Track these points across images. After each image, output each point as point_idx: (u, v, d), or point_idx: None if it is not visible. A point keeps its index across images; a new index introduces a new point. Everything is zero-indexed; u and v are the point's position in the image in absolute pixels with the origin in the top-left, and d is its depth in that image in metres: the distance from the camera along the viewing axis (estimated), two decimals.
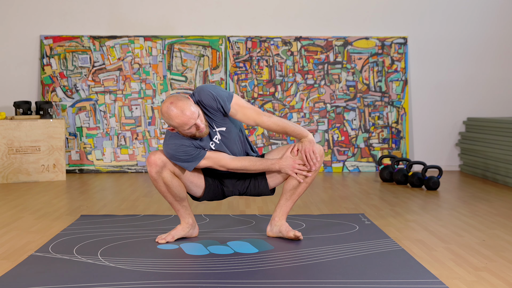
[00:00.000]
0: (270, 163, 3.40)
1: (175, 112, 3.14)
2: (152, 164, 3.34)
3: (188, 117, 3.15)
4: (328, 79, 6.87)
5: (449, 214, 4.39)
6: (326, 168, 6.83)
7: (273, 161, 3.40)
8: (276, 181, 3.53)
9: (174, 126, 3.21)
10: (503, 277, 2.87)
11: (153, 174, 3.36)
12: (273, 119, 3.35)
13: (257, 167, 3.40)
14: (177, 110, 3.14)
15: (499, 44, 7.02)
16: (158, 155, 3.34)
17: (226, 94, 3.31)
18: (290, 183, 3.48)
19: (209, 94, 3.27)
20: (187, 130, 3.21)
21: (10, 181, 6.01)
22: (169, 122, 3.20)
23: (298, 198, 3.54)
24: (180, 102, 3.15)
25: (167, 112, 3.16)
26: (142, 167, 6.78)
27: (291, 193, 3.49)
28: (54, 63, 6.76)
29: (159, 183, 3.38)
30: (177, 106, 3.14)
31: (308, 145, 3.36)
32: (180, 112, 3.14)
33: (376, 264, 3.06)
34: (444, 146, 7.05)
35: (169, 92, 6.81)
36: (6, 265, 3.07)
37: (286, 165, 3.38)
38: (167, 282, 2.80)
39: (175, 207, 3.52)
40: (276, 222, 3.57)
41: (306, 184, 3.46)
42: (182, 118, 3.15)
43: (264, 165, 3.40)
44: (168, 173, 3.37)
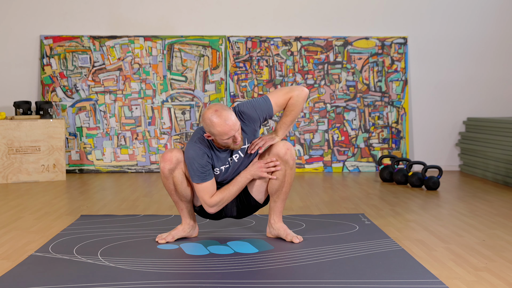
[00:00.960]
0: (240, 177, 3.41)
1: (219, 121, 3.13)
2: (167, 161, 3.35)
3: (230, 127, 3.15)
4: (328, 79, 6.87)
5: (449, 214, 4.39)
6: (326, 168, 6.83)
7: (242, 174, 3.41)
8: (259, 190, 3.51)
9: (213, 133, 3.18)
10: (503, 277, 2.87)
11: (165, 171, 3.37)
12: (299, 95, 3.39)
13: (234, 192, 3.40)
14: (221, 118, 3.13)
15: (499, 44, 7.02)
16: (174, 153, 3.36)
17: (262, 100, 3.36)
18: (272, 185, 3.47)
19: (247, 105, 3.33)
20: (225, 140, 3.21)
21: (10, 181, 6.01)
22: (209, 129, 3.18)
23: (286, 196, 3.51)
24: (224, 111, 3.15)
25: (210, 119, 3.15)
26: (142, 167, 6.78)
27: (277, 194, 3.49)
28: (54, 63, 6.76)
29: (169, 181, 3.39)
30: (221, 114, 3.14)
31: (266, 137, 3.42)
32: (224, 121, 3.13)
33: (376, 264, 3.06)
34: (444, 146, 7.05)
35: (169, 92, 6.81)
36: (6, 265, 3.07)
37: (254, 169, 3.40)
38: (167, 282, 2.80)
39: (179, 206, 3.52)
40: (274, 225, 3.57)
41: (287, 183, 3.44)
42: (224, 128, 3.14)
43: (238, 184, 3.41)
44: (180, 173, 3.37)
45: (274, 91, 3.44)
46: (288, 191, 3.49)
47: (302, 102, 3.41)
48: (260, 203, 3.56)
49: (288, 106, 3.41)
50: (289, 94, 3.39)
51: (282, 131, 3.46)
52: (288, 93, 3.39)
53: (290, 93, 3.39)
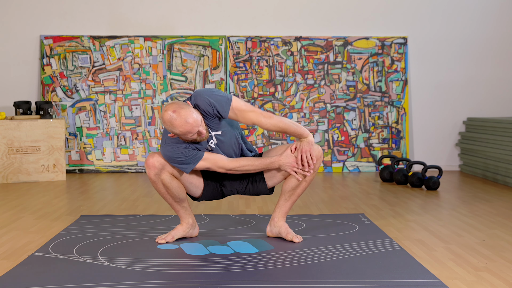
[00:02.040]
0: (270, 161, 3.39)
1: (179, 121, 3.09)
2: (150, 167, 3.33)
3: (191, 125, 3.11)
4: (328, 79, 6.87)
5: (449, 214, 4.39)
6: (326, 168, 6.83)
7: (272, 159, 3.39)
8: (274, 180, 3.52)
9: (177, 134, 3.16)
10: (503, 277, 2.87)
11: (152, 177, 3.35)
12: (273, 121, 3.28)
13: (256, 166, 3.39)
14: (181, 119, 3.09)
15: (499, 44, 7.02)
16: (156, 157, 3.33)
17: (224, 99, 3.24)
18: (289, 184, 3.47)
19: (205, 99, 3.21)
20: (190, 137, 3.19)
21: (10, 181, 6.01)
22: (172, 131, 3.15)
23: (297, 198, 3.53)
24: (182, 110, 3.10)
25: (170, 121, 3.10)
26: (142, 167, 6.78)
27: (290, 193, 3.49)
28: (54, 63, 6.76)
29: (158, 185, 3.38)
30: (180, 114, 3.09)
31: (306, 145, 3.35)
32: (184, 121, 3.09)
33: (376, 264, 3.06)
34: (444, 146, 7.05)
35: (169, 92, 6.81)
36: (6, 265, 3.07)
37: (286, 162, 3.37)
38: (167, 282, 2.80)
39: (174, 208, 3.51)
40: (276, 223, 3.57)
41: (306, 183, 3.45)
42: (186, 127, 3.10)
43: (263, 163, 3.39)
44: (167, 175, 3.36)
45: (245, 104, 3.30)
46: (301, 194, 3.50)
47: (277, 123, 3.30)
48: (267, 189, 3.54)
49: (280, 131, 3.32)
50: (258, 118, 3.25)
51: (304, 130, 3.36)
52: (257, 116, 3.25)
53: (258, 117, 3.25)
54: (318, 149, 3.40)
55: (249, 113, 3.27)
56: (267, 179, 3.51)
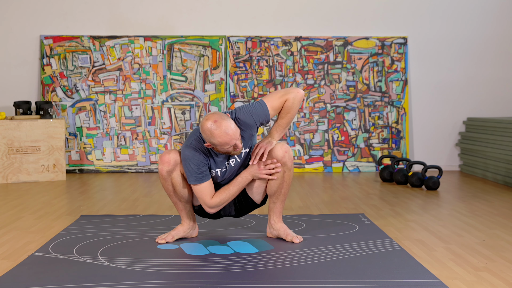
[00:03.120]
0: (241, 178, 3.40)
1: (219, 132, 3.11)
2: (165, 163, 3.35)
3: (231, 137, 3.13)
4: (328, 79, 6.87)
5: (449, 214, 4.39)
6: (326, 168, 6.83)
7: (242, 175, 3.40)
8: (257, 193, 3.51)
9: (214, 143, 3.17)
10: (503, 277, 2.87)
11: (163, 173, 3.36)
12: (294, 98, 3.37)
13: (234, 192, 3.40)
14: (221, 129, 3.11)
15: (499, 44, 7.02)
16: (172, 155, 3.35)
17: (257, 104, 3.34)
18: (271, 187, 3.47)
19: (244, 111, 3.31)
20: (227, 149, 3.20)
21: (10, 181, 6.01)
22: (210, 140, 3.16)
23: (285, 197, 3.52)
24: (223, 121, 3.13)
25: (210, 130, 3.12)
26: (142, 167, 6.78)
27: (276, 195, 3.49)
28: (54, 63, 6.76)
29: (168, 182, 3.39)
30: (221, 125, 3.12)
31: (264, 143, 3.39)
32: (224, 132, 3.11)
33: (376, 264, 3.06)
34: (444, 146, 7.05)
35: (169, 92, 6.81)
36: (6, 265, 3.07)
37: (254, 170, 3.39)
38: (167, 282, 2.80)
39: (178, 206, 3.52)
40: (273, 226, 3.58)
41: (287, 182, 3.44)
42: (225, 138, 3.12)
43: (238, 185, 3.40)
44: (179, 174, 3.37)
45: (269, 95, 3.42)
46: (287, 192, 3.49)
47: (298, 104, 3.39)
48: (258, 203, 3.56)
49: (284, 109, 3.39)
50: (284, 97, 3.37)
51: (278, 133, 3.44)
52: (283, 96, 3.37)
53: (285, 95, 3.37)
54: (283, 146, 3.40)
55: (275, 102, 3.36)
56: (251, 196, 3.52)
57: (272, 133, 3.44)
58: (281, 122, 3.42)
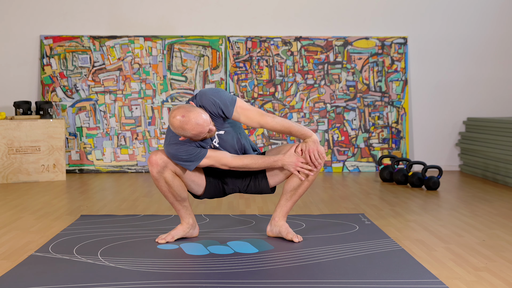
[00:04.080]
0: (273, 160, 3.38)
1: (190, 125, 3.10)
2: (153, 164, 3.34)
3: (202, 126, 3.13)
4: (328, 79, 6.87)
5: (449, 214, 4.39)
6: (326, 168, 6.83)
7: (276, 157, 3.38)
8: (276, 179, 3.53)
9: (188, 137, 3.16)
10: (503, 277, 2.87)
11: (154, 174, 3.36)
12: (277, 120, 3.31)
13: (259, 165, 3.39)
14: (191, 122, 3.10)
15: (499, 44, 7.02)
16: (159, 155, 3.34)
17: (228, 99, 3.27)
18: (291, 183, 3.47)
19: (210, 100, 3.24)
20: (201, 137, 3.20)
21: (10, 181, 6.01)
22: (183, 134, 3.15)
23: (298, 198, 3.53)
24: (191, 113, 3.11)
25: (181, 126, 3.11)
26: (142, 167, 6.78)
27: (292, 193, 3.49)
28: (54, 63, 6.76)
29: (161, 182, 3.39)
30: (190, 118, 3.10)
31: (313, 145, 3.35)
32: (195, 124, 3.10)
33: (376, 264, 3.06)
34: (444, 146, 7.05)
35: (169, 92, 6.80)
36: (6, 265, 3.07)
37: (290, 162, 3.37)
38: (167, 282, 2.80)
39: (175, 207, 3.52)
40: (276, 223, 3.57)
41: (308, 183, 3.45)
42: (198, 128, 3.12)
43: (266, 162, 3.39)
44: (170, 173, 3.37)
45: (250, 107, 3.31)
46: (302, 194, 3.50)
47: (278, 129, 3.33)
48: (269, 188, 3.55)
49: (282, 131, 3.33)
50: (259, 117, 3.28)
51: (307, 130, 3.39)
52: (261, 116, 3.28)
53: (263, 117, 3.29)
54: (322, 149, 3.40)
55: (253, 112, 3.29)
56: (269, 178, 3.51)
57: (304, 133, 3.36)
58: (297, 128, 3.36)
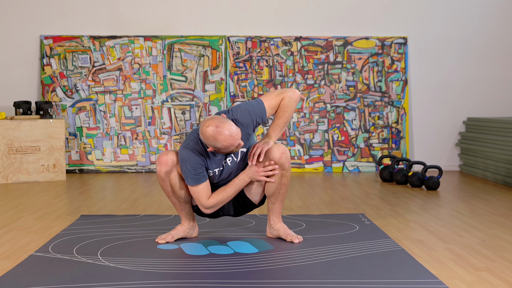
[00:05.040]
0: (239, 180, 3.39)
1: (223, 136, 3.11)
2: (162, 164, 3.34)
3: (234, 138, 3.15)
4: (328, 79, 6.87)
5: (449, 214, 4.39)
6: (326, 168, 6.83)
7: (239, 177, 3.40)
8: (256, 192, 3.51)
9: (219, 148, 3.17)
10: (503, 277, 2.87)
11: (161, 174, 3.36)
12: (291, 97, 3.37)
13: (231, 194, 3.40)
14: (224, 133, 3.11)
15: (499, 44, 7.02)
16: (170, 156, 3.35)
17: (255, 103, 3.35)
18: (269, 189, 3.46)
19: (242, 110, 3.31)
20: (231, 149, 3.21)
21: (10, 181, 6.01)
22: (214, 145, 3.16)
23: (284, 198, 3.52)
24: (225, 124, 3.13)
25: (214, 136, 3.12)
26: (142, 167, 6.78)
27: (275, 196, 3.48)
28: (54, 63, 6.76)
29: (166, 183, 3.39)
30: (223, 129, 3.12)
31: (262, 143, 3.37)
32: (228, 135, 3.12)
33: (376, 264, 3.06)
34: (444, 146, 7.05)
35: (169, 92, 6.80)
36: (6, 265, 3.07)
37: (252, 173, 3.37)
38: (167, 282, 2.80)
39: (177, 207, 3.52)
40: (273, 226, 3.58)
41: (285, 183, 3.44)
42: (230, 140, 3.13)
43: (235, 187, 3.40)
44: (177, 175, 3.37)
45: (266, 94, 3.42)
46: (285, 193, 3.49)
47: (294, 104, 3.38)
48: (256, 204, 3.56)
49: (281, 108, 3.38)
50: (281, 95, 3.37)
51: (275, 133, 3.42)
52: (280, 94, 3.37)
53: (282, 94, 3.37)
54: (279, 148, 3.38)
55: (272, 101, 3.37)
56: (249, 196, 3.52)
57: (269, 133, 3.43)
58: (278, 122, 3.40)
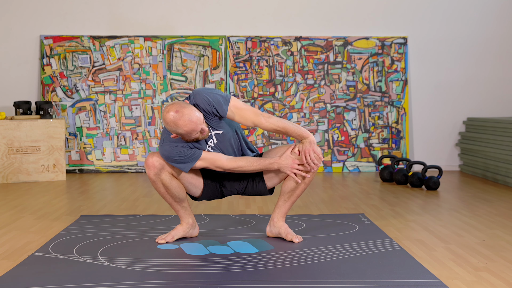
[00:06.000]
0: (269, 162, 3.37)
1: (183, 121, 3.10)
2: (150, 167, 3.34)
3: (195, 123, 3.13)
4: (328, 79, 6.87)
5: (449, 214, 4.39)
6: (326, 168, 6.83)
7: (271, 160, 3.37)
8: (273, 181, 3.52)
9: (181, 133, 3.16)
10: (503, 277, 2.87)
11: (151, 176, 3.36)
12: (272, 120, 3.29)
13: (255, 167, 3.38)
14: (184, 118, 3.10)
15: (499, 44, 7.02)
16: (156, 157, 3.34)
17: (222, 97, 3.27)
18: (288, 185, 3.46)
19: (204, 98, 3.23)
20: (194, 136, 3.19)
21: (10, 181, 6.01)
22: (176, 131, 3.15)
23: (296, 199, 3.52)
24: (185, 109, 3.11)
25: (174, 121, 3.11)
26: (142, 167, 6.78)
27: (289, 194, 3.48)
28: (54, 63, 6.76)
29: (158, 184, 3.38)
30: (183, 114, 3.10)
31: (309, 146, 3.32)
32: (188, 120, 3.10)
33: (376, 264, 3.06)
34: (444, 146, 7.05)
35: (169, 92, 6.80)
36: (6, 265, 3.07)
37: (285, 164, 3.36)
38: (167, 282, 2.80)
39: (174, 207, 3.52)
40: (275, 224, 3.57)
41: (305, 185, 3.44)
42: (190, 125, 3.12)
43: (262, 164, 3.38)
44: (167, 175, 3.36)
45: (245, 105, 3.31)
46: (300, 195, 3.49)
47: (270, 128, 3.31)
48: (267, 189, 3.54)
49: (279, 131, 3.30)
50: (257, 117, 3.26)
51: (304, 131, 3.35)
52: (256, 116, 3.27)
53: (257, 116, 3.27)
54: (319, 149, 3.39)
55: (247, 112, 3.28)
56: (266, 180, 3.51)
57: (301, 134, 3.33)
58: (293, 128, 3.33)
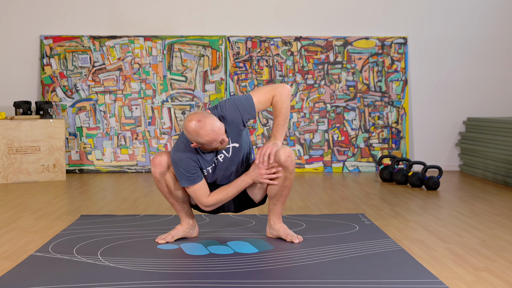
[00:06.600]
0: (241, 180, 3.38)
1: (205, 130, 3.11)
2: (157, 165, 3.35)
3: (217, 133, 3.14)
4: (328, 79, 6.87)
5: (449, 214, 4.39)
6: (326, 168, 6.83)
7: (242, 177, 3.39)
8: (258, 192, 3.51)
9: (201, 143, 3.17)
10: (503, 277, 2.87)
11: (156, 175, 3.36)
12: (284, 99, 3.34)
13: (233, 193, 3.39)
14: (207, 128, 3.11)
15: (499, 44, 7.02)
16: (163, 157, 3.35)
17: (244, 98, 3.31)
18: (271, 190, 3.45)
19: (230, 105, 3.28)
20: (214, 145, 3.21)
21: (10, 181, 6.01)
22: (197, 140, 3.16)
23: (285, 199, 3.50)
24: (207, 119, 3.13)
25: (196, 130, 3.12)
26: (142, 167, 6.78)
27: (277, 197, 3.48)
28: (54, 63, 6.76)
29: (162, 184, 3.39)
30: (206, 123, 3.12)
31: (270, 144, 3.32)
32: (210, 130, 3.12)
33: (376, 264, 3.06)
34: (444, 146, 7.05)
35: (169, 92, 6.81)
36: (6, 265, 3.07)
37: (255, 174, 3.36)
38: (167, 282, 2.80)
39: (176, 207, 3.52)
40: (273, 226, 3.57)
41: (286, 187, 3.42)
42: (212, 135, 3.13)
43: (237, 188, 3.39)
44: (172, 175, 3.38)
45: (256, 89, 3.41)
46: (287, 195, 3.49)
47: (287, 99, 3.35)
48: (257, 203, 3.56)
49: (275, 106, 3.35)
50: (271, 93, 3.35)
51: (279, 133, 3.37)
52: (270, 92, 3.35)
53: (272, 91, 3.35)
54: (285, 150, 3.35)
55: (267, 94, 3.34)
56: (251, 196, 3.52)
57: (274, 134, 3.38)
58: (278, 121, 3.37)
